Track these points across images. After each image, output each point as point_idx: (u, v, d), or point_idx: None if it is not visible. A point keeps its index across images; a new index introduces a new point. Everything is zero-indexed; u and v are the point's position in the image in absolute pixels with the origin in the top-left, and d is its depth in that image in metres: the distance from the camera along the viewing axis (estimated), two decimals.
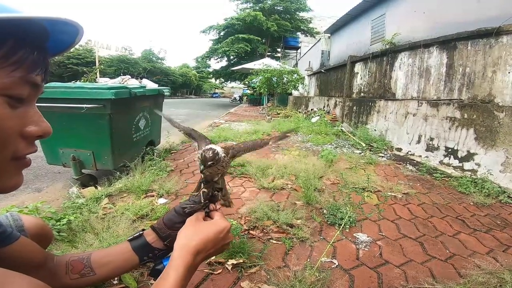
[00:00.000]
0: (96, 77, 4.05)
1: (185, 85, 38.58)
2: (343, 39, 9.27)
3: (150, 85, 3.50)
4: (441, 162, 3.22)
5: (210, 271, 1.18)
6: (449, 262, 1.37)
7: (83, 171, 2.26)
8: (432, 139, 3.43)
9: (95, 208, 1.66)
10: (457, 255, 1.43)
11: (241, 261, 1.23)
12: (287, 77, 9.42)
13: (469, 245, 1.54)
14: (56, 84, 2.17)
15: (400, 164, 3.27)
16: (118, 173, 2.28)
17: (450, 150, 3.14)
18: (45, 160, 2.34)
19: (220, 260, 1.24)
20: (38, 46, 0.37)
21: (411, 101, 3.89)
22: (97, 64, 5.66)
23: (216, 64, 29.88)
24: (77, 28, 0.39)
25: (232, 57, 21.29)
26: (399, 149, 3.98)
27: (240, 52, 18.74)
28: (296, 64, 17.65)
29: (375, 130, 4.73)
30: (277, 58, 19.32)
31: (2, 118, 0.35)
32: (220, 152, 0.68)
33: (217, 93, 53.03)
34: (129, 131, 2.48)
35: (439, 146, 3.31)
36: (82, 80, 3.56)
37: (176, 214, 0.71)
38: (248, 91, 20.48)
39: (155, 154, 2.89)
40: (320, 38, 11.70)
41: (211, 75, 29.21)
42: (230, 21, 19.13)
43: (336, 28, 9.78)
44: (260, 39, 18.76)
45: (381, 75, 4.89)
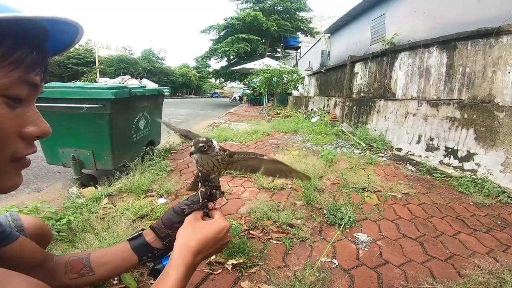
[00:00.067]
0: (96, 77, 4.05)
1: (185, 85, 38.60)
2: (343, 39, 9.27)
3: (150, 85, 3.50)
4: (441, 162, 3.22)
5: (210, 271, 1.18)
6: (449, 262, 1.37)
7: (83, 171, 2.26)
8: (432, 139, 3.43)
9: (95, 208, 1.66)
10: (457, 255, 1.43)
11: (241, 261, 1.23)
12: (287, 77, 9.43)
13: (469, 245, 1.54)
14: (56, 84, 2.17)
15: (400, 164, 3.27)
16: (118, 173, 2.28)
17: (450, 150, 3.14)
18: (45, 160, 2.34)
19: (220, 260, 1.24)
20: (37, 46, 0.37)
21: (411, 101, 3.89)
22: (97, 64, 5.66)
23: (216, 64, 29.97)
24: (77, 28, 0.39)
25: (232, 57, 21.30)
26: (399, 149, 3.98)
27: (240, 52, 18.74)
28: (296, 64, 17.65)
29: (375, 130, 4.73)
30: (277, 58, 19.32)
31: (1, 119, 0.34)
32: (215, 143, 0.67)
33: (217, 93, 53.01)
34: (129, 131, 2.48)
35: (439, 146, 3.31)
36: (82, 80, 3.56)
37: (175, 214, 0.71)
38: (248, 91, 20.48)
39: (155, 154, 2.89)
40: (320, 38, 11.70)
41: (211, 75, 29.23)
42: (230, 21, 19.14)
43: (336, 28, 9.78)
44: (260, 39, 18.76)
45: (381, 75, 4.89)
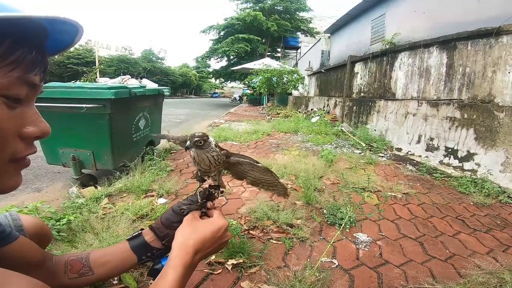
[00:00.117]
0: (96, 77, 4.05)
1: (185, 85, 38.61)
2: (343, 39, 9.27)
3: (150, 85, 3.50)
4: (441, 162, 3.22)
5: (210, 271, 1.18)
6: (449, 262, 1.37)
7: (83, 171, 2.26)
8: (432, 139, 3.43)
9: (95, 208, 1.66)
10: (457, 255, 1.43)
11: (241, 261, 1.23)
12: (287, 77, 9.42)
13: (469, 245, 1.54)
14: (56, 84, 2.17)
15: (400, 164, 3.27)
16: (118, 173, 2.28)
17: (450, 150, 3.14)
18: (45, 160, 2.34)
19: (220, 260, 1.24)
20: (37, 46, 0.37)
21: (411, 101, 3.88)
22: (97, 64, 5.67)
23: (216, 64, 29.99)
24: (77, 28, 0.39)
25: (232, 57, 21.29)
26: (399, 149, 3.98)
27: (240, 52, 18.74)
28: (296, 64, 17.65)
29: (375, 130, 4.73)
30: (277, 58, 19.32)
31: (0, 119, 0.34)
32: (211, 139, 0.67)
33: (217, 93, 53.00)
34: (129, 131, 2.48)
35: (439, 146, 3.30)
36: (82, 80, 3.56)
37: (174, 214, 0.71)
38: (248, 91, 20.48)
39: (155, 154, 2.89)
40: (320, 38, 11.70)
41: (211, 75, 29.21)
42: (230, 21, 19.13)
43: (336, 28, 9.77)
44: (260, 39, 18.76)
45: (381, 75, 4.89)
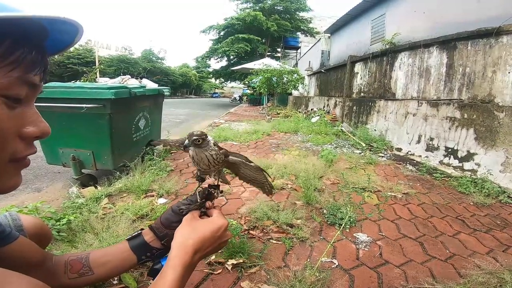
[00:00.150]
0: (96, 77, 4.06)
1: (185, 85, 38.61)
2: (343, 39, 9.27)
3: (150, 85, 3.51)
4: (441, 162, 3.22)
5: (210, 271, 1.18)
6: (449, 262, 1.37)
7: (83, 171, 2.26)
8: (432, 139, 3.42)
9: (95, 208, 1.66)
10: (457, 255, 1.43)
11: (241, 261, 1.23)
12: (287, 77, 9.43)
13: (469, 245, 1.54)
14: (56, 84, 2.17)
15: (400, 164, 3.27)
16: (118, 173, 2.28)
17: (450, 150, 3.14)
18: (45, 160, 2.34)
19: (220, 260, 1.24)
20: (37, 46, 0.37)
21: (411, 101, 3.88)
22: (97, 64, 5.68)
23: (216, 64, 30.01)
24: (77, 27, 0.39)
25: (232, 57, 21.29)
26: (399, 149, 3.98)
27: (240, 52, 18.73)
28: (296, 64, 17.65)
29: (375, 130, 4.73)
30: (277, 58, 19.32)
31: (0, 119, 0.34)
32: (210, 138, 0.67)
33: (217, 93, 52.99)
34: (129, 131, 2.48)
35: (439, 146, 3.30)
36: (82, 80, 3.57)
37: (173, 214, 0.71)
38: (248, 91, 20.48)
39: (155, 154, 2.89)
40: (320, 38, 11.70)
41: (211, 75, 29.21)
42: (230, 21, 19.13)
43: (336, 28, 9.77)
44: (260, 39, 18.76)
45: (381, 75, 4.89)
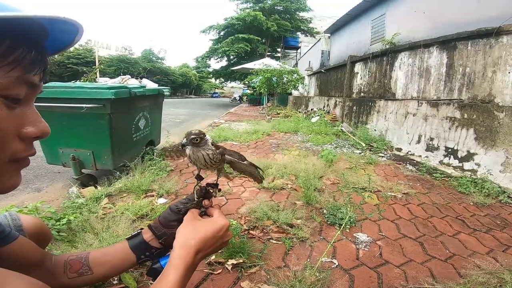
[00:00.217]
0: (96, 77, 4.05)
1: (185, 85, 38.61)
2: (343, 39, 9.27)
3: (150, 85, 3.51)
4: (441, 162, 3.22)
5: (210, 271, 1.18)
6: (449, 262, 1.37)
7: (83, 171, 2.26)
8: (432, 139, 3.42)
9: (95, 208, 1.66)
10: (457, 255, 1.43)
11: (241, 261, 1.23)
12: (287, 77, 9.43)
13: (469, 245, 1.54)
14: (56, 84, 2.17)
15: (400, 164, 3.27)
16: (118, 173, 2.28)
17: (450, 150, 3.14)
18: (45, 160, 2.34)
19: (220, 260, 1.24)
20: (37, 45, 0.37)
21: (411, 101, 3.88)
22: (97, 64, 5.67)
23: (216, 64, 29.99)
24: (77, 27, 0.39)
25: (232, 57, 21.29)
26: (399, 149, 3.98)
27: (240, 52, 18.73)
28: (296, 64, 17.65)
29: (375, 130, 4.73)
30: (277, 58, 19.31)
31: None
32: (208, 137, 0.68)
33: (217, 93, 52.99)
34: (129, 131, 2.48)
35: (439, 146, 3.30)
36: (82, 80, 3.56)
37: (171, 212, 0.71)
38: (248, 91, 20.50)
39: (155, 154, 2.89)
40: (320, 38, 11.69)
41: (211, 75, 29.20)
42: (230, 21, 19.12)
43: (336, 28, 9.77)
44: (260, 39, 18.75)
45: (381, 75, 4.88)
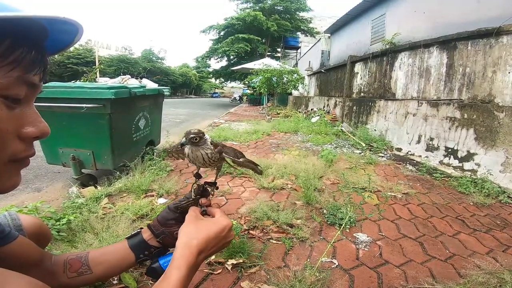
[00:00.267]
0: (96, 77, 4.05)
1: (185, 85, 38.61)
2: (343, 39, 9.27)
3: (150, 85, 3.51)
4: (441, 162, 3.22)
5: (210, 271, 1.18)
6: (449, 262, 1.37)
7: (83, 171, 2.26)
8: (432, 139, 3.42)
9: (95, 208, 1.66)
10: (457, 255, 1.43)
11: (241, 261, 1.23)
12: (287, 77, 9.43)
13: (469, 245, 1.54)
14: (56, 84, 2.17)
15: (400, 164, 3.27)
16: (118, 173, 2.28)
17: (450, 150, 3.14)
18: (45, 160, 2.34)
19: (220, 260, 1.24)
20: (36, 45, 0.37)
21: (411, 101, 3.88)
22: (97, 64, 5.67)
23: (216, 64, 30.01)
24: (77, 27, 0.39)
25: (232, 57, 21.29)
26: (399, 149, 3.98)
27: (240, 52, 18.73)
28: (296, 64, 17.65)
29: (375, 130, 4.73)
30: (277, 58, 19.31)
31: None
32: (207, 136, 0.68)
33: (217, 93, 52.98)
34: (129, 131, 2.48)
35: (439, 146, 3.30)
36: (82, 80, 3.56)
37: (169, 211, 0.72)
38: (248, 91, 20.49)
39: (155, 154, 2.89)
40: (320, 38, 11.70)
41: (211, 75, 29.20)
42: (230, 21, 19.13)
43: (336, 28, 9.77)
44: (260, 39, 18.75)
45: (381, 75, 4.88)
